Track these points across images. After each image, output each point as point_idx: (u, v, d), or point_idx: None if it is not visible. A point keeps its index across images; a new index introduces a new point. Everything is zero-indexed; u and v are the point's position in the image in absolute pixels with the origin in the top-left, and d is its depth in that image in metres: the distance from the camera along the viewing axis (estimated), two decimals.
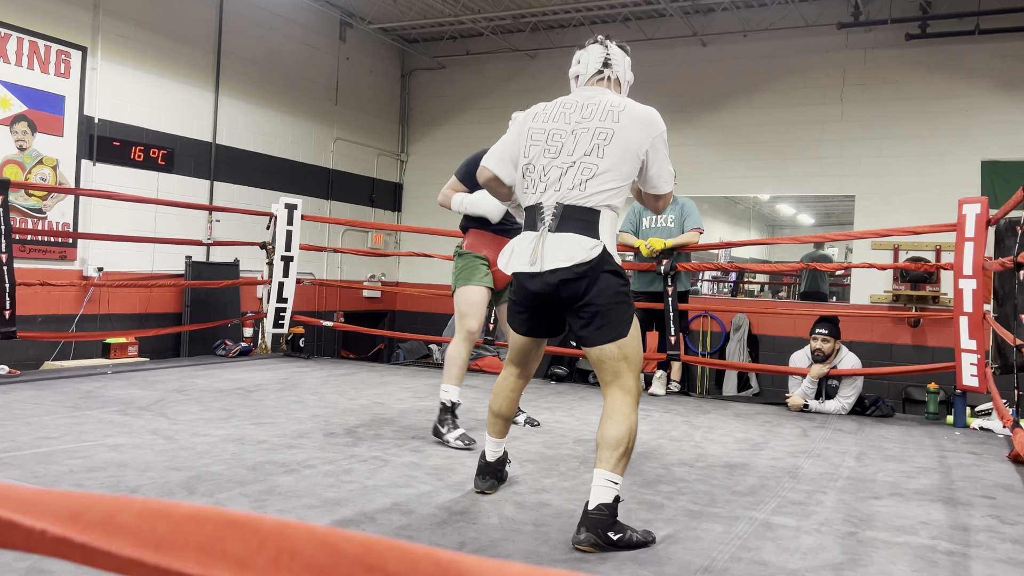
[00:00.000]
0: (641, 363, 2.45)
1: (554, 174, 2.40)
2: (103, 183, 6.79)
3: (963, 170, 7.51)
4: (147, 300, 7.19)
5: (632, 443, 2.32)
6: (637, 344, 2.42)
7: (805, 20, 8.11)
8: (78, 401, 4.22)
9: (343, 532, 0.35)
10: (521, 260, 2.41)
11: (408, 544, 0.34)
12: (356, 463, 3.13)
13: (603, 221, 2.37)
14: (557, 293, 2.36)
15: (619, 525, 2.24)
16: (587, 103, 2.47)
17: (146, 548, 0.35)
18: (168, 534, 0.35)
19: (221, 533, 0.35)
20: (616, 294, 2.36)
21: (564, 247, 2.32)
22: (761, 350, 8.05)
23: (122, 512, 0.36)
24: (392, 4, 8.82)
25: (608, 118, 2.41)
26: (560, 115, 2.48)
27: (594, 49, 2.58)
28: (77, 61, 6.65)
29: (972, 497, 3.03)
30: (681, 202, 5.76)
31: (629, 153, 2.40)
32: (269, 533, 0.35)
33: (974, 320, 4.64)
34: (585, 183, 2.35)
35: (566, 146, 2.41)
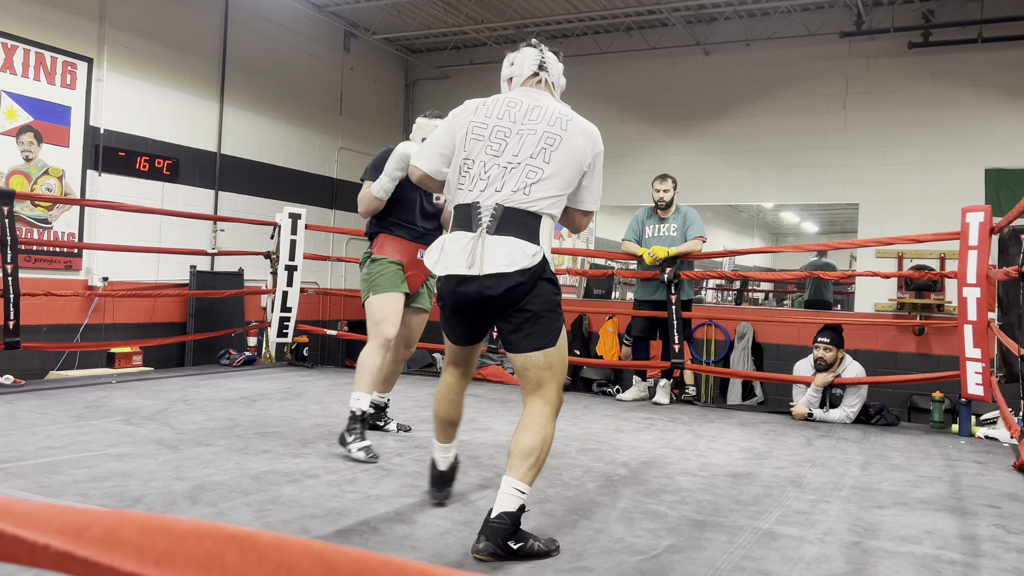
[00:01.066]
0: (565, 375, 2.43)
1: (495, 173, 2.32)
2: (108, 193, 6.82)
3: (967, 178, 7.51)
4: (152, 310, 7.21)
5: (544, 454, 2.29)
6: (563, 356, 2.39)
7: (808, 29, 8.13)
8: (82, 411, 4.23)
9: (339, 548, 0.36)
10: (457, 262, 2.29)
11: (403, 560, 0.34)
12: (359, 472, 3.13)
13: (543, 227, 2.32)
14: (494, 298, 2.29)
15: (521, 534, 2.19)
16: (534, 105, 2.41)
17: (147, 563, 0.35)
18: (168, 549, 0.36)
19: (220, 548, 0.35)
20: (550, 303, 2.33)
21: (506, 251, 2.25)
22: (765, 358, 8.04)
23: (124, 527, 0.37)
24: (396, 14, 8.87)
25: (556, 124, 2.36)
26: (504, 113, 2.40)
27: (528, 52, 2.54)
28: (83, 72, 6.69)
29: (978, 506, 3.01)
30: (684, 211, 5.77)
31: (573, 162, 2.36)
32: (267, 548, 0.35)
33: (978, 328, 4.63)
34: (530, 187, 2.29)
35: (510, 145, 2.33)
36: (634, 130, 9.17)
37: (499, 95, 2.50)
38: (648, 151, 9.01)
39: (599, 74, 9.38)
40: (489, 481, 3.10)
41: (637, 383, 5.88)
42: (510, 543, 2.16)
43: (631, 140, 9.17)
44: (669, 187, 5.72)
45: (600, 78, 9.38)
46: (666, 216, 5.78)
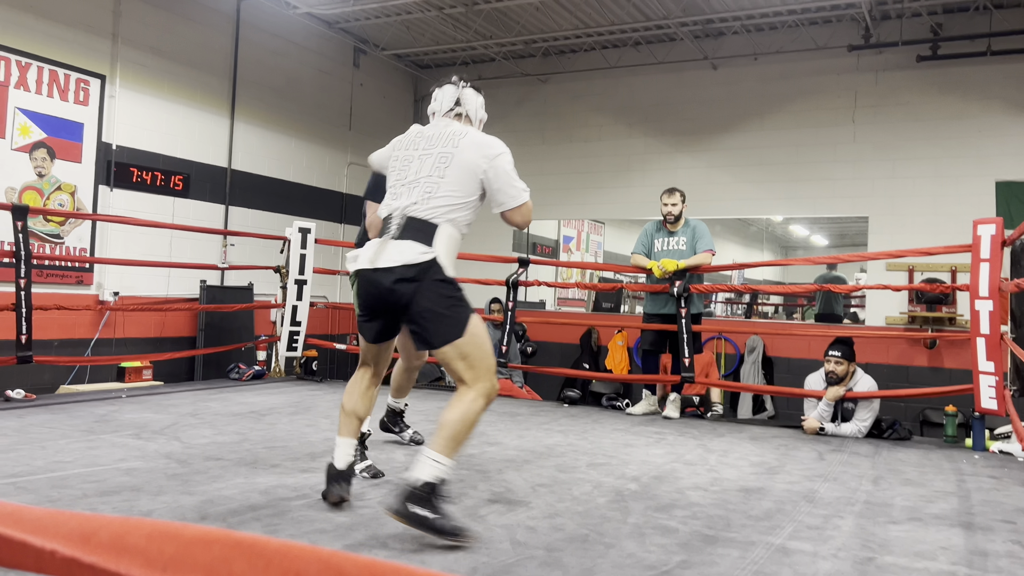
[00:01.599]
0: (487, 364, 2.54)
1: (403, 191, 2.68)
2: (120, 208, 6.87)
3: (977, 191, 7.48)
4: (162, 324, 7.23)
5: (465, 432, 2.46)
6: (477, 344, 2.53)
7: (816, 43, 8.14)
8: (92, 425, 4.24)
9: (347, 555, 0.36)
10: (363, 261, 2.65)
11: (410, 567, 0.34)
12: (368, 487, 3.12)
13: (440, 233, 2.59)
14: (389, 294, 2.55)
15: (433, 505, 2.34)
16: (436, 133, 2.74)
17: (154, 569, 0.35)
18: (176, 555, 0.35)
19: (228, 555, 0.35)
20: (445, 299, 2.54)
21: (398, 250, 2.56)
22: (776, 372, 7.99)
23: (131, 534, 0.37)
24: (405, 31, 8.93)
25: (449, 144, 2.67)
26: (411, 143, 2.76)
27: (448, 89, 2.84)
28: (96, 89, 6.76)
29: (992, 522, 2.98)
30: (693, 224, 5.76)
31: (467, 173, 2.64)
32: (275, 555, 0.35)
33: (991, 342, 4.60)
34: (428, 199, 2.61)
35: (413, 167, 2.69)
36: (642, 144, 9.18)
37: (415, 127, 2.84)
38: (656, 165, 9.02)
39: (607, 89, 9.41)
40: (498, 496, 3.08)
41: (647, 397, 5.86)
42: (418, 509, 2.32)
43: (639, 154, 9.18)
44: (677, 201, 5.71)
45: (608, 93, 9.41)
46: (675, 229, 5.77)
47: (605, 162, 9.34)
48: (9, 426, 4.10)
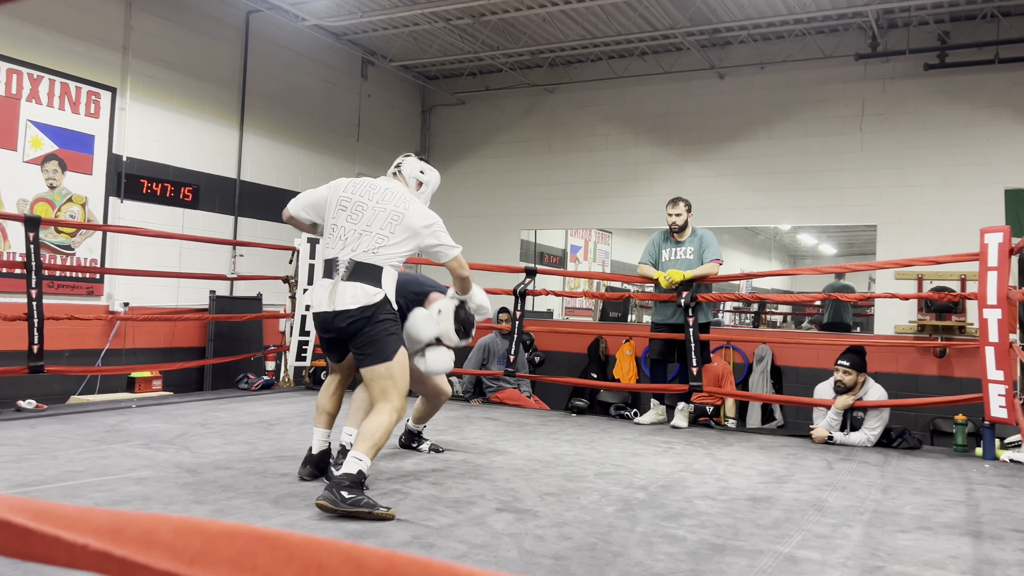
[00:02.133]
0: (406, 385, 3.09)
1: (353, 236, 3.12)
2: (130, 219, 6.92)
3: (986, 199, 7.46)
4: (171, 334, 7.27)
5: (382, 438, 2.94)
6: (403, 370, 3.08)
7: (822, 51, 8.16)
8: (103, 435, 4.27)
9: (367, 547, 0.37)
10: (320, 302, 3.11)
11: (429, 559, 0.35)
12: (376, 495, 3.13)
13: (385, 275, 3.11)
14: (344, 332, 3.08)
15: (357, 491, 2.75)
16: (388, 189, 3.24)
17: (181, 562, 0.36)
18: (202, 549, 0.37)
19: (252, 548, 0.36)
20: (385, 331, 3.07)
21: (351, 292, 3.03)
22: (785, 381, 7.97)
23: (159, 528, 0.38)
24: (413, 42, 8.99)
25: (400, 205, 3.19)
26: (366, 192, 3.21)
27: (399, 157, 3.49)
28: (107, 101, 6.83)
29: (1002, 531, 2.97)
30: (700, 233, 5.77)
31: (410, 234, 3.17)
32: (297, 548, 0.36)
33: (1000, 350, 4.58)
34: (378, 249, 3.10)
35: (366, 217, 3.14)
36: (649, 153, 9.21)
37: (365, 179, 3.32)
38: (663, 174, 9.03)
39: (613, 98, 9.44)
40: (506, 504, 3.09)
41: (655, 406, 5.85)
42: (343, 492, 2.72)
43: (647, 163, 9.20)
44: (681, 211, 5.72)
45: (615, 102, 9.44)
46: (682, 239, 5.77)
47: (612, 171, 9.37)
48: (21, 436, 4.13)
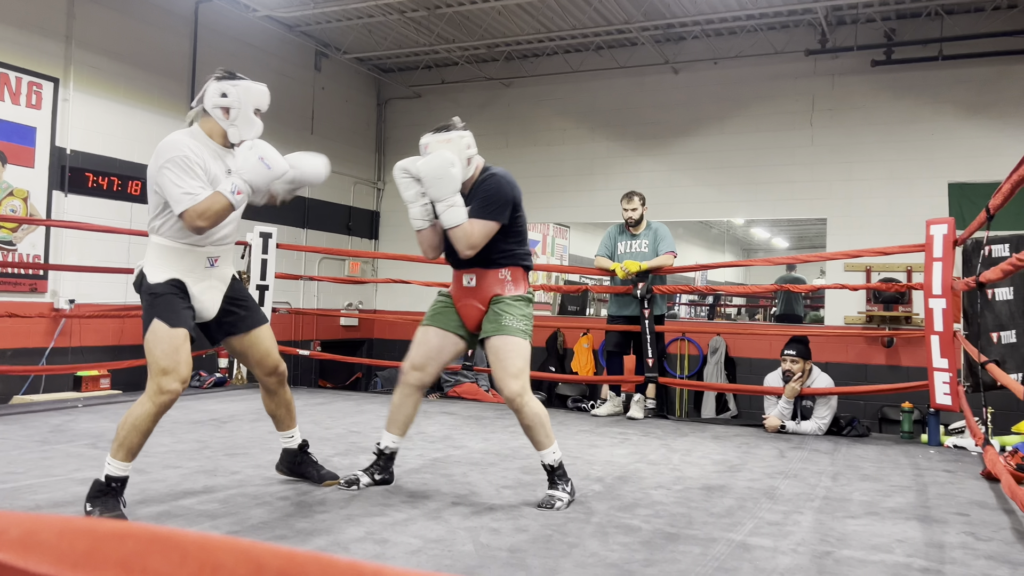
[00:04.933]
0: (156, 362, 2.69)
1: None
2: (75, 214, 6.72)
3: (931, 192, 7.65)
4: (120, 332, 7.09)
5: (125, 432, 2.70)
6: (150, 345, 2.71)
7: (774, 47, 8.26)
8: (47, 435, 4.14)
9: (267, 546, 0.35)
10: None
11: (331, 557, 0.33)
12: (330, 493, 3.09)
13: (149, 248, 2.83)
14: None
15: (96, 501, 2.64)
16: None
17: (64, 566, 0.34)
18: (88, 551, 0.34)
19: (143, 549, 0.34)
20: (144, 307, 2.80)
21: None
22: (739, 372, 8.08)
23: (42, 530, 0.35)
24: (367, 34, 8.88)
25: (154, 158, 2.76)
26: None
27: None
28: (49, 92, 6.61)
29: (947, 514, 3.04)
30: (655, 226, 5.82)
31: (152, 186, 2.78)
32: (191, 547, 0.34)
33: (945, 339, 4.70)
34: (150, 223, 2.84)
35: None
36: (605, 148, 9.24)
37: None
38: (619, 168, 9.08)
39: (569, 93, 9.45)
40: (462, 498, 3.07)
41: (611, 398, 5.89)
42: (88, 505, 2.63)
43: (602, 157, 9.23)
44: (636, 205, 5.76)
45: (570, 97, 9.46)
46: (637, 232, 5.81)
47: (569, 166, 9.38)
48: None
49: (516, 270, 3.18)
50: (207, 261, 2.87)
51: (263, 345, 3.08)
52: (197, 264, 2.84)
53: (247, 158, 2.72)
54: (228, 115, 2.87)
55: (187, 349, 2.73)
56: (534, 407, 3.03)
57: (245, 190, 2.71)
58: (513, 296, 3.12)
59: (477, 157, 3.20)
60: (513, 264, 3.18)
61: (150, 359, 2.69)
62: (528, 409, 3.02)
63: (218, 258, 2.92)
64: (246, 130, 2.88)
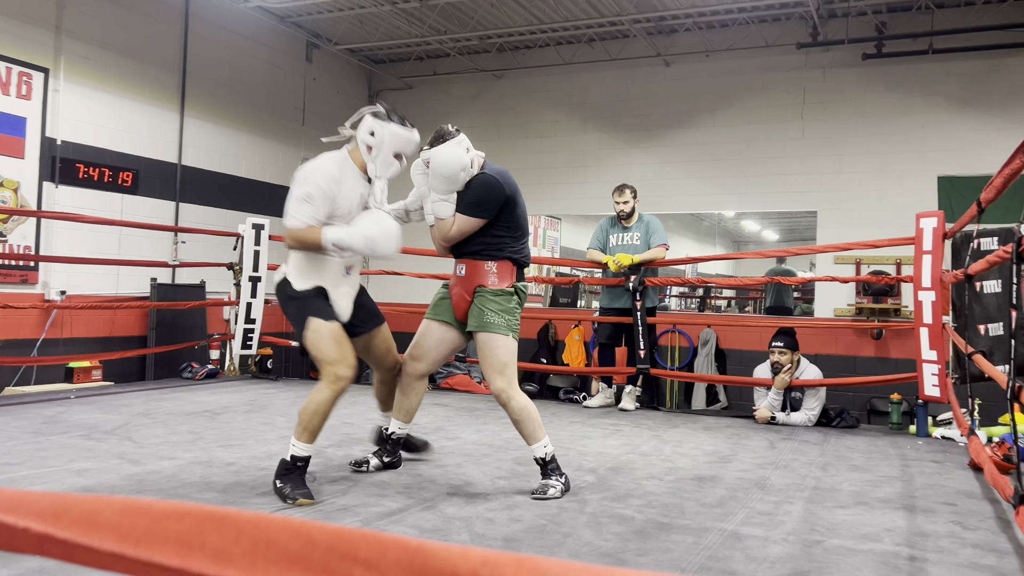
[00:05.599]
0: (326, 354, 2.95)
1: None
2: (66, 205, 6.70)
3: (921, 186, 7.70)
4: (111, 323, 7.08)
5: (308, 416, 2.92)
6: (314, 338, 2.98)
7: (765, 40, 8.29)
8: (40, 427, 4.14)
9: (316, 523, 0.37)
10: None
11: (378, 533, 0.36)
12: (326, 484, 3.11)
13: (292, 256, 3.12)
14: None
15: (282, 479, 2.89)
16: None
17: (127, 543, 0.36)
18: (148, 529, 0.36)
19: (200, 527, 0.36)
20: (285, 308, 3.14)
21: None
22: (729, 364, 8.14)
23: (103, 510, 0.37)
24: (359, 25, 8.86)
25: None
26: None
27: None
28: (39, 83, 6.58)
29: (934, 504, 3.09)
30: (647, 219, 5.84)
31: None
32: (246, 525, 0.36)
33: (934, 331, 4.76)
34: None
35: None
36: (597, 140, 9.26)
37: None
38: (611, 161, 9.10)
39: (561, 85, 9.46)
40: (457, 489, 3.10)
41: (603, 390, 5.92)
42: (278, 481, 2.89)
43: (594, 150, 9.25)
44: (628, 198, 5.79)
45: (563, 89, 9.46)
46: (629, 225, 5.84)
47: (561, 158, 9.39)
48: None
49: (504, 264, 3.25)
50: (343, 270, 3.17)
51: (385, 344, 3.35)
52: (336, 272, 3.14)
53: (365, 234, 2.96)
54: (371, 152, 3.12)
55: (347, 340, 3.03)
56: (520, 401, 3.10)
57: (343, 247, 2.96)
58: (494, 290, 3.19)
59: (476, 155, 3.29)
60: (502, 258, 3.25)
61: (318, 353, 2.96)
62: (514, 403, 3.09)
63: (352, 267, 3.22)
64: (383, 169, 3.14)
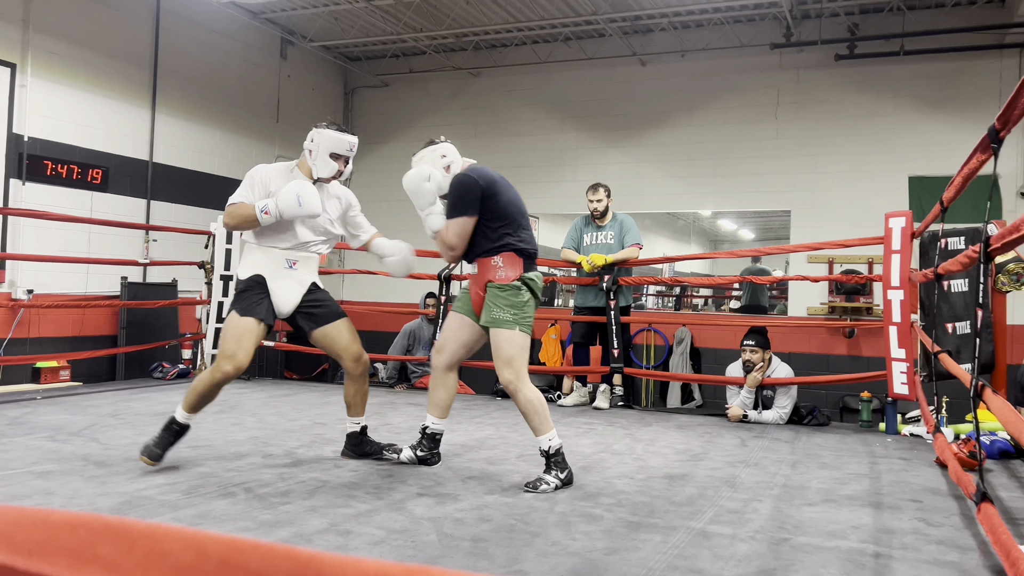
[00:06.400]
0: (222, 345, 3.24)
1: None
2: (34, 203, 6.59)
3: (892, 186, 7.80)
4: (80, 322, 6.98)
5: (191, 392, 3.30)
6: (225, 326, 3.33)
7: (740, 40, 8.35)
8: (4, 428, 4.07)
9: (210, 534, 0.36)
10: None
11: (271, 544, 0.35)
12: (294, 484, 3.09)
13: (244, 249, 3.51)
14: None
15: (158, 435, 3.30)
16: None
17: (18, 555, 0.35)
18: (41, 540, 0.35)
19: (94, 538, 0.35)
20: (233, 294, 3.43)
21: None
22: (704, 362, 8.19)
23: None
24: (334, 22, 8.80)
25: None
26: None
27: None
28: (5, 78, 6.46)
29: (900, 501, 3.12)
30: (621, 218, 5.85)
31: None
32: (140, 536, 0.35)
33: (903, 329, 4.81)
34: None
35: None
36: (574, 139, 9.27)
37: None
38: (587, 160, 9.12)
39: (538, 83, 9.46)
40: (427, 489, 3.09)
41: (577, 388, 5.93)
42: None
43: (571, 149, 9.27)
44: (602, 196, 5.80)
45: (539, 87, 9.47)
46: (603, 224, 5.85)
47: (537, 156, 9.40)
48: None
49: (508, 255, 3.31)
50: (286, 263, 3.41)
51: (345, 336, 3.48)
52: (278, 264, 3.39)
53: (287, 192, 3.22)
54: (311, 156, 3.43)
55: (252, 340, 3.24)
56: (527, 394, 3.21)
57: (273, 212, 3.22)
58: (502, 285, 3.27)
59: (460, 162, 3.41)
60: (505, 250, 3.31)
61: (221, 342, 3.27)
62: (521, 396, 3.21)
63: (297, 262, 3.43)
64: (322, 169, 3.44)
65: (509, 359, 3.21)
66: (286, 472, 3.28)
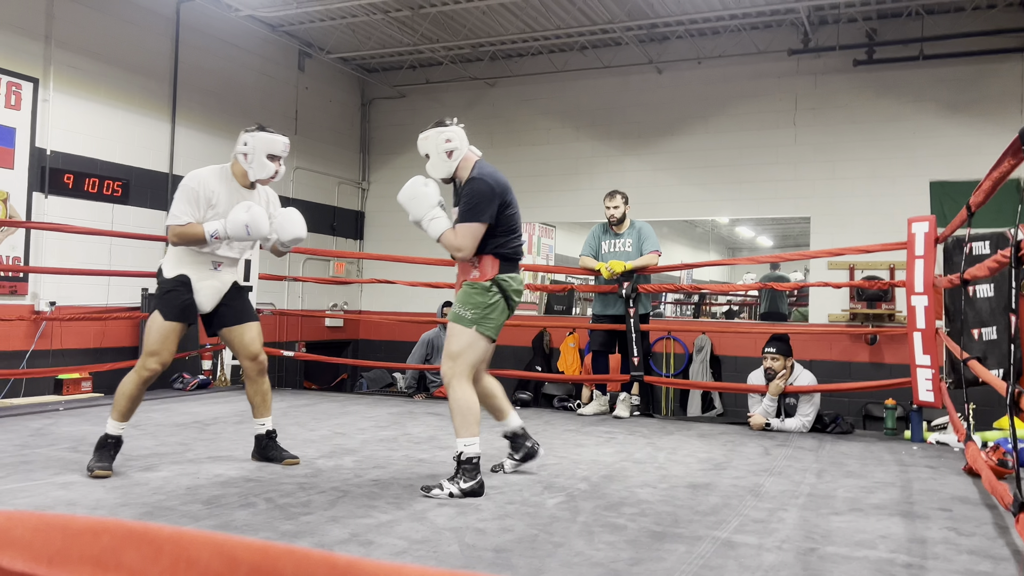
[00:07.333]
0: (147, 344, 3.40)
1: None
2: (56, 216, 6.65)
3: (912, 191, 7.71)
4: (102, 334, 7.03)
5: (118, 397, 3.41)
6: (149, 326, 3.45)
7: (757, 47, 8.30)
8: (27, 439, 4.10)
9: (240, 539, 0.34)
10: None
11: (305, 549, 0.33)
12: (315, 494, 3.07)
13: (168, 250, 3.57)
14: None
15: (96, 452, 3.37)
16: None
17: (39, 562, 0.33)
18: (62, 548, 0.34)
19: (117, 545, 0.33)
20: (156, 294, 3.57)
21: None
22: (724, 370, 8.11)
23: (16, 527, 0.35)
24: (351, 34, 8.85)
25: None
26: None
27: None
28: (28, 93, 6.55)
29: (930, 510, 3.06)
30: (639, 225, 5.83)
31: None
32: (166, 543, 0.33)
33: (927, 336, 4.74)
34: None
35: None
36: (589, 147, 9.26)
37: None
38: (603, 168, 9.09)
39: (554, 92, 9.46)
40: (448, 499, 3.06)
41: (597, 397, 5.89)
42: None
43: (587, 157, 9.25)
44: (619, 203, 5.77)
45: (555, 96, 9.46)
46: (621, 231, 5.82)
47: (554, 165, 9.39)
48: None
49: (486, 258, 3.32)
50: (212, 265, 3.54)
51: (247, 335, 3.65)
52: (203, 265, 3.51)
53: (237, 220, 3.33)
54: (246, 159, 3.55)
55: (175, 339, 3.41)
56: (459, 393, 3.21)
57: (223, 237, 3.37)
58: (473, 283, 3.30)
59: (465, 150, 3.36)
60: (484, 254, 3.32)
61: (145, 342, 3.39)
62: (453, 392, 3.22)
63: (221, 264, 3.56)
64: (259, 171, 3.57)
65: (453, 353, 3.23)
66: (306, 482, 3.26)
